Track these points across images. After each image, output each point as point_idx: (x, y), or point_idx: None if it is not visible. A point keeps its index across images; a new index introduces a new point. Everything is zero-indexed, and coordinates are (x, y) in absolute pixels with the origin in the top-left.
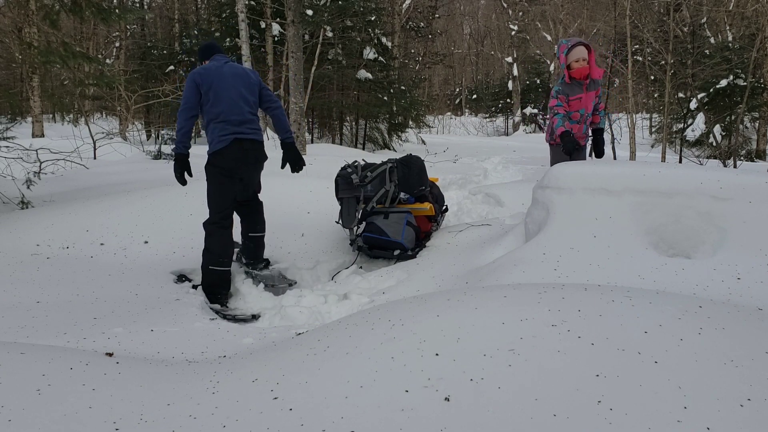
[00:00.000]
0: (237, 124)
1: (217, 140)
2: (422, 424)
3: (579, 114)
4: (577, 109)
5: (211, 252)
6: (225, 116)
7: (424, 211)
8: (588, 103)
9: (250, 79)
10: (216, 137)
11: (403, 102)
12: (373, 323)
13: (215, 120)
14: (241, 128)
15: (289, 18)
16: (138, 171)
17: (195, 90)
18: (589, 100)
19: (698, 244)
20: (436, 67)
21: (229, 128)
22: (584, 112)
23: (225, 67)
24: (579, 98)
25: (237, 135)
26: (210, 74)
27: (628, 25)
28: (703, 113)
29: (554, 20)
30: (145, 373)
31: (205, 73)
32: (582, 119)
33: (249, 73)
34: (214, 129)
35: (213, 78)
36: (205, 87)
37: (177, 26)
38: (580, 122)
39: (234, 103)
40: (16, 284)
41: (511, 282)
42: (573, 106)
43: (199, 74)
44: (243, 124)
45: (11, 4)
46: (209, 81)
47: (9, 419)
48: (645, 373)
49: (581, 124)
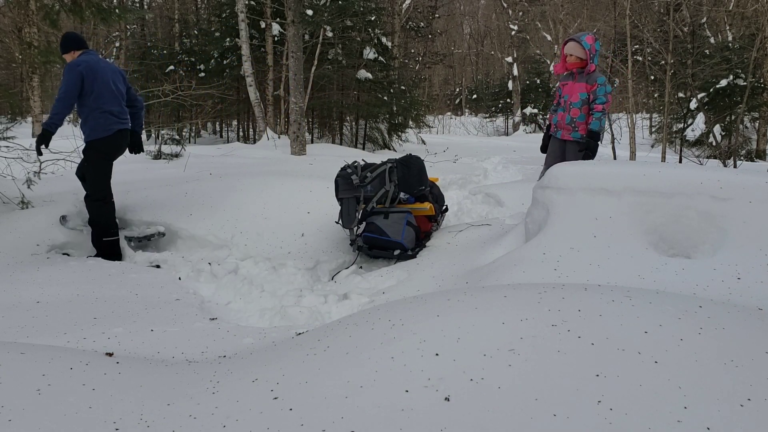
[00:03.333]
0: (117, 114)
1: (101, 129)
2: (422, 424)
3: (563, 100)
4: (562, 95)
5: (100, 225)
6: (108, 107)
7: (424, 211)
8: (573, 92)
9: (122, 76)
10: (100, 126)
11: (403, 102)
12: (373, 323)
13: (99, 110)
14: (121, 119)
15: (289, 18)
16: (138, 171)
17: (80, 82)
18: (575, 90)
19: (698, 244)
20: (436, 67)
21: (112, 119)
22: (567, 99)
23: (101, 62)
24: (566, 84)
25: (120, 126)
26: (93, 67)
27: (628, 25)
28: (703, 113)
29: (554, 20)
30: (145, 373)
31: (89, 66)
32: (566, 106)
33: (119, 71)
34: (98, 118)
35: (96, 71)
36: (89, 79)
37: (177, 26)
38: (565, 110)
39: (114, 96)
40: (16, 284)
41: (511, 282)
42: (563, 92)
43: (85, 67)
44: (122, 114)
45: (11, 4)
46: (93, 74)
47: (9, 419)
48: (645, 373)
49: (566, 112)
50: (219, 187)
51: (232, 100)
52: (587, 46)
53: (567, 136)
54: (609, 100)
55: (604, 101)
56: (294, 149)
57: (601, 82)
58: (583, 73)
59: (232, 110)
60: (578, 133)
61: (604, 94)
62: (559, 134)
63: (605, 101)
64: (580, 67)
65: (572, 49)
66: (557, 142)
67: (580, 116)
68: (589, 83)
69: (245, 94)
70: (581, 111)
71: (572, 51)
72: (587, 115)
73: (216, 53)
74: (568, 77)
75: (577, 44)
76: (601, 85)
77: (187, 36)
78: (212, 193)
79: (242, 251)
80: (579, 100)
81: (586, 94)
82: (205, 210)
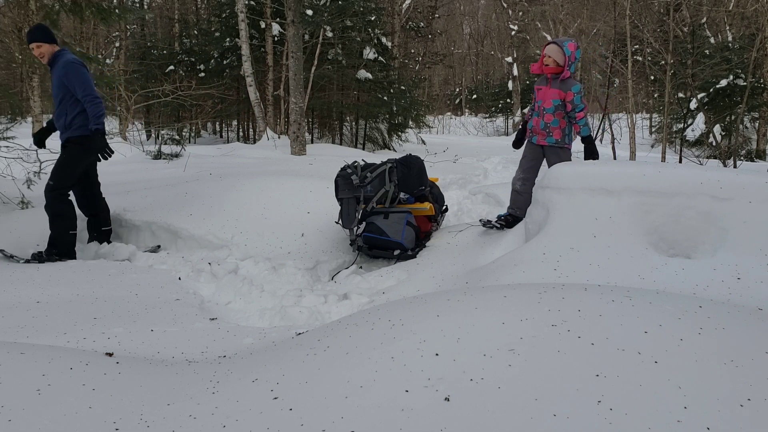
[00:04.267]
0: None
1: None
2: (422, 424)
3: (537, 105)
4: (536, 99)
5: (66, 218)
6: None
7: (424, 211)
8: (546, 98)
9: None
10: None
11: (403, 102)
12: (373, 323)
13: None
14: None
15: (289, 18)
16: (138, 171)
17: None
18: (548, 96)
19: (698, 244)
20: (436, 67)
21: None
22: (541, 104)
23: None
24: (540, 89)
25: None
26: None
27: (628, 25)
28: (703, 113)
29: (554, 20)
30: (145, 373)
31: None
32: (540, 112)
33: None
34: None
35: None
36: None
37: (177, 26)
38: (539, 115)
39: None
40: (16, 284)
41: (511, 282)
42: (537, 96)
43: (82, 63)
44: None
45: (11, 4)
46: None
47: (9, 419)
48: (645, 373)
49: (540, 117)
50: (219, 187)
51: (232, 100)
52: (568, 52)
53: (542, 141)
54: (586, 105)
55: (582, 107)
56: (294, 149)
57: (576, 91)
58: (557, 79)
59: (232, 110)
60: (553, 138)
61: (581, 101)
62: (534, 139)
63: (584, 107)
64: (555, 72)
65: (552, 51)
66: (534, 147)
67: (554, 121)
68: (563, 90)
69: (245, 94)
70: (555, 116)
71: (552, 54)
72: (561, 120)
73: (216, 53)
74: (543, 82)
75: (559, 48)
76: (577, 93)
77: (187, 36)
78: (212, 193)
79: (242, 251)
80: (552, 106)
81: (560, 101)
82: (205, 210)
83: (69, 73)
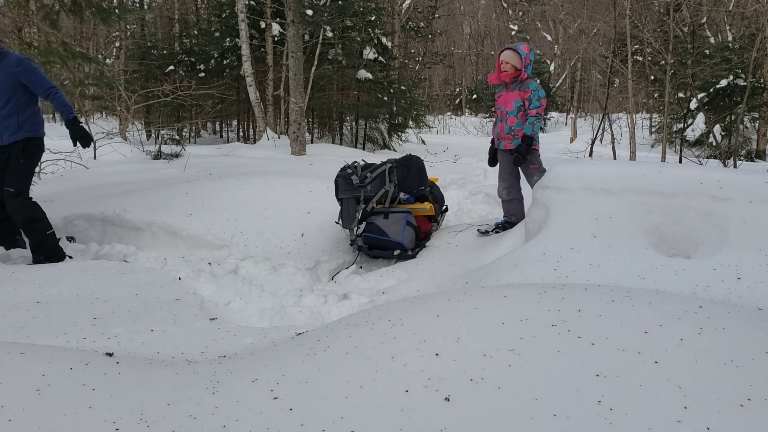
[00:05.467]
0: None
1: (39, 126)
2: (422, 424)
3: (500, 111)
4: (498, 106)
5: (41, 220)
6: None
7: (424, 211)
8: (507, 102)
9: None
10: (38, 123)
11: (403, 102)
12: (373, 323)
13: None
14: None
15: (289, 18)
16: (138, 171)
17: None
18: (509, 99)
19: (698, 244)
20: (436, 67)
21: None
22: (503, 109)
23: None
24: (501, 95)
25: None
26: None
27: (628, 25)
28: (703, 113)
29: (554, 20)
30: (145, 373)
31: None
32: (503, 117)
33: None
34: (37, 115)
35: None
36: None
37: (177, 26)
38: (503, 120)
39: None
40: (16, 284)
41: (511, 282)
42: (498, 103)
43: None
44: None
45: (11, 4)
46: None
47: (9, 419)
48: (645, 373)
49: (503, 122)
50: (219, 187)
51: (232, 100)
52: (523, 54)
53: (509, 145)
54: (543, 104)
55: (537, 105)
56: (294, 149)
57: (534, 88)
58: (516, 81)
59: (232, 110)
60: (519, 141)
61: (538, 99)
62: (501, 145)
63: (539, 105)
64: (514, 77)
65: (508, 57)
66: (503, 154)
67: (518, 123)
68: (522, 90)
69: (245, 94)
70: (518, 118)
71: (508, 59)
72: (524, 122)
73: (216, 53)
74: (503, 88)
75: (514, 53)
76: (534, 90)
77: (187, 36)
78: (212, 193)
79: (242, 251)
80: (514, 108)
81: (521, 101)
82: (205, 210)
83: (28, 71)
